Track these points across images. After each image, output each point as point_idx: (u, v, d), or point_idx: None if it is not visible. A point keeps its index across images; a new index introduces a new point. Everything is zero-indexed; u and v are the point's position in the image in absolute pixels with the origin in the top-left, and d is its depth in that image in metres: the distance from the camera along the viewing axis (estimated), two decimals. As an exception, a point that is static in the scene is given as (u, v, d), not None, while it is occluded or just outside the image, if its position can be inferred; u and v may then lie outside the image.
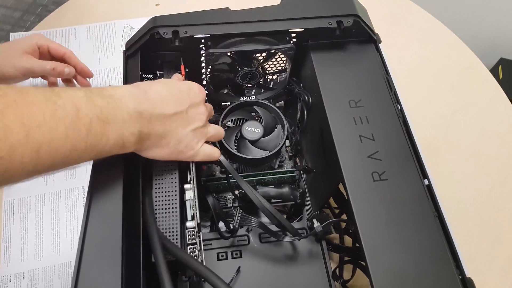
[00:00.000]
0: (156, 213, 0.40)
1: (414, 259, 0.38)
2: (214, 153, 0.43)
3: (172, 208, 0.41)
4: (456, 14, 1.24)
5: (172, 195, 0.41)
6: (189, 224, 0.40)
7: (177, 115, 0.39)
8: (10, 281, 0.53)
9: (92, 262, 0.34)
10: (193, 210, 0.41)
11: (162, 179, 0.42)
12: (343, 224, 0.53)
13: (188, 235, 0.40)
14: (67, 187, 0.59)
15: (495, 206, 0.63)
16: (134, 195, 0.39)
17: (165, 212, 0.40)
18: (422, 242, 0.39)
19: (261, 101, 0.55)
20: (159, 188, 0.42)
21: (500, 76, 1.28)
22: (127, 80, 0.47)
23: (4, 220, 0.57)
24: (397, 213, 0.40)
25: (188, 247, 0.40)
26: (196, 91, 0.42)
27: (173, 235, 0.39)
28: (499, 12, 1.22)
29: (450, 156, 0.67)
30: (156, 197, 0.41)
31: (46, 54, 0.59)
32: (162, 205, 0.41)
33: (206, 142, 0.43)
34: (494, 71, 1.31)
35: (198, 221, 0.41)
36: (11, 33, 0.76)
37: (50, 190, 0.59)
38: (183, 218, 0.41)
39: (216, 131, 0.45)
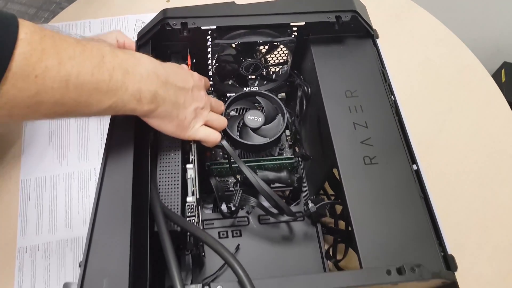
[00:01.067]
0: (160, 189, 0.44)
1: (399, 235, 0.41)
2: (213, 134, 0.47)
3: (175, 185, 0.45)
4: (460, 17, 1.26)
5: (175, 174, 0.45)
6: (189, 199, 0.44)
7: (185, 90, 0.43)
8: (26, 252, 0.57)
9: (104, 229, 0.37)
10: (193, 187, 0.45)
11: (166, 159, 0.46)
12: (339, 210, 0.56)
13: (188, 209, 0.44)
14: (80, 169, 0.63)
15: (485, 198, 0.65)
16: (142, 172, 0.43)
17: (168, 188, 0.45)
18: (408, 220, 0.42)
19: (263, 91, 0.58)
20: (163, 167, 0.46)
21: (503, 80, 1.30)
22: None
23: (21, 196, 0.61)
24: (385, 194, 0.43)
25: (187, 219, 0.43)
26: (196, 77, 0.46)
27: (174, 208, 0.43)
28: (503, 16, 1.24)
29: (444, 150, 0.69)
30: (160, 175, 0.45)
31: (122, 48, 0.64)
32: (165, 182, 0.45)
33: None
34: (497, 74, 1.33)
35: (197, 197, 0.44)
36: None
37: (64, 171, 0.63)
38: (185, 194, 0.45)
39: (217, 117, 0.49)
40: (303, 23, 0.52)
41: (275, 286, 0.34)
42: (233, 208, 0.56)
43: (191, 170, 0.46)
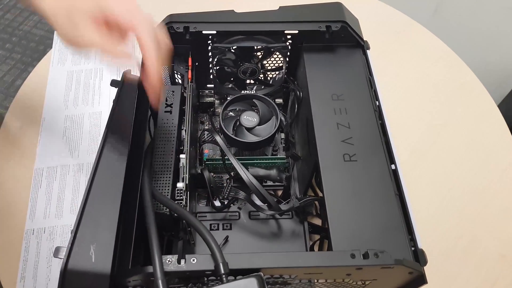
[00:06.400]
0: (154, 176, 0.48)
1: (371, 227, 0.43)
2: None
3: (167, 172, 0.49)
4: (472, 43, 1.29)
5: (168, 162, 0.49)
6: (179, 185, 0.48)
7: None
8: (32, 234, 0.61)
9: (96, 201, 0.40)
10: (183, 174, 0.49)
11: (162, 149, 0.50)
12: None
13: (177, 193, 0.47)
14: (89, 161, 0.68)
15: (475, 208, 0.66)
16: (138, 158, 0.47)
17: (161, 175, 0.48)
18: (381, 214, 0.44)
19: (259, 95, 0.62)
20: (158, 156, 0.50)
21: (514, 104, 1.31)
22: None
23: (33, 184, 0.66)
24: (361, 188, 0.46)
25: (176, 202, 0.47)
26: None
27: (165, 192, 0.47)
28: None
29: (437, 160, 0.71)
30: (155, 163, 0.49)
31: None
32: (159, 169, 0.49)
33: None
34: (508, 98, 1.33)
35: (187, 183, 0.48)
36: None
37: (74, 162, 0.68)
38: (175, 180, 0.49)
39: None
40: (296, 31, 0.56)
41: (244, 260, 0.37)
42: (225, 203, 0.59)
43: (184, 159, 0.50)
